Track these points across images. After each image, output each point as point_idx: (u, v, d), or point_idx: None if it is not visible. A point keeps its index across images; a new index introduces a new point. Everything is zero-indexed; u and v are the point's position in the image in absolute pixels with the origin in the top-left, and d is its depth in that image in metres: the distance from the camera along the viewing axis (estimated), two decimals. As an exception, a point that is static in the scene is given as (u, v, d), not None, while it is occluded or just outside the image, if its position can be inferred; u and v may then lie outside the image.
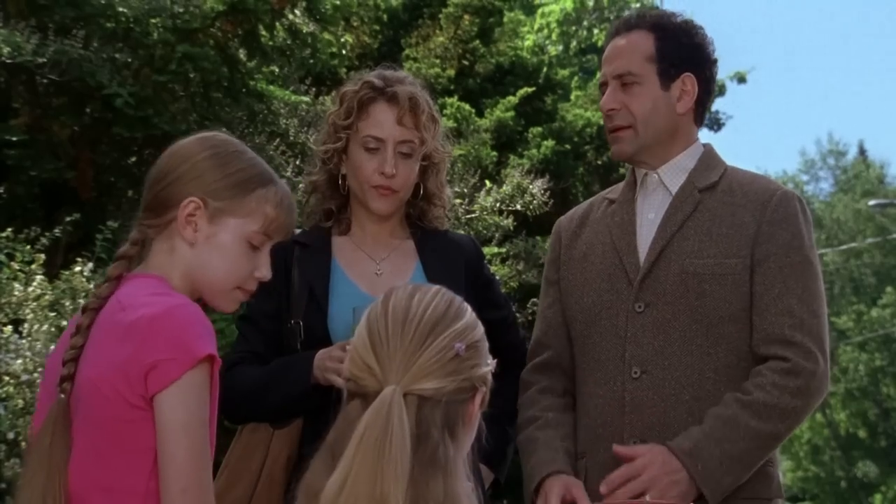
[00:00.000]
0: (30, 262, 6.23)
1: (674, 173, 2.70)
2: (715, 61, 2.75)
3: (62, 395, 2.00)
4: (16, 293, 6.08)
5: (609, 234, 2.69)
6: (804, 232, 2.61)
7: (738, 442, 2.49)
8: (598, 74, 2.84)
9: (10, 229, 6.43)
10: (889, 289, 31.74)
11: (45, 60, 6.89)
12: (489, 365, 1.72)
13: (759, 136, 72.09)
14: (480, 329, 1.74)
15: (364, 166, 2.66)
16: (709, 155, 2.73)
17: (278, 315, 2.63)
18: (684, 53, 2.69)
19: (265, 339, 2.66)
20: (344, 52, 9.88)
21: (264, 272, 2.13)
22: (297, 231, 2.77)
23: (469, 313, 1.74)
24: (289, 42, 8.06)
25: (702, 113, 2.76)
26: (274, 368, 2.59)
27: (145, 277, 2.08)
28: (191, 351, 1.96)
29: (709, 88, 2.74)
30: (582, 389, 2.70)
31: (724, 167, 2.72)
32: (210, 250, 2.08)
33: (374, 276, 2.69)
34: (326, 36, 8.75)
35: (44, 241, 6.35)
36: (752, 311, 2.57)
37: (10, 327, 5.98)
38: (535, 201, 9.69)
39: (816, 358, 2.54)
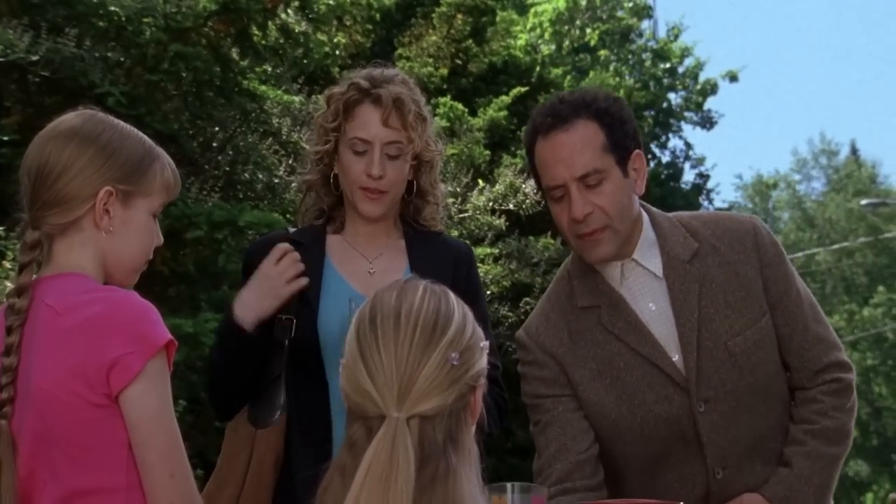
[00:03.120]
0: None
1: (647, 253, 2.55)
2: (638, 127, 2.62)
3: (2, 421, 1.98)
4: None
5: (622, 343, 2.52)
6: (783, 254, 2.61)
7: (823, 473, 2.52)
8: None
9: (1, 228, 6.42)
10: (881, 288, 31.82)
11: (37, 59, 6.88)
12: (484, 350, 1.71)
13: (751, 135, 72.18)
14: (470, 321, 1.71)
15: (352, 168, 2.67)
16: (654, 217, 2.60)
17: None
18: (629, 133, 2.52)
19: None
20: (337, 52, 9.87)
21: (160, 238, 2.16)
22: (292, 230, 2.78)
23: (457, 309, 1.71)
24: (281, 41, 8.06)
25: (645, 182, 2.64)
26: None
27: (63, 277, 2.05)
28: (150, 340, 1.96)
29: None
30: (648, 487, 2.54)
31: (676, 223, 2.59)
32: (127, 233, 2.09)
33: (367, 275, 2.69)
34: (319, 36, 8.74)
35: (35, 239, 6.33)
36: (783, 352, 2.55)
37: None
38: (527, 201, 9.69)
39: (849, 364, 2.61)
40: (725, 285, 2.54)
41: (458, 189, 9.51)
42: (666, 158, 20.48)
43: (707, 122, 20.24)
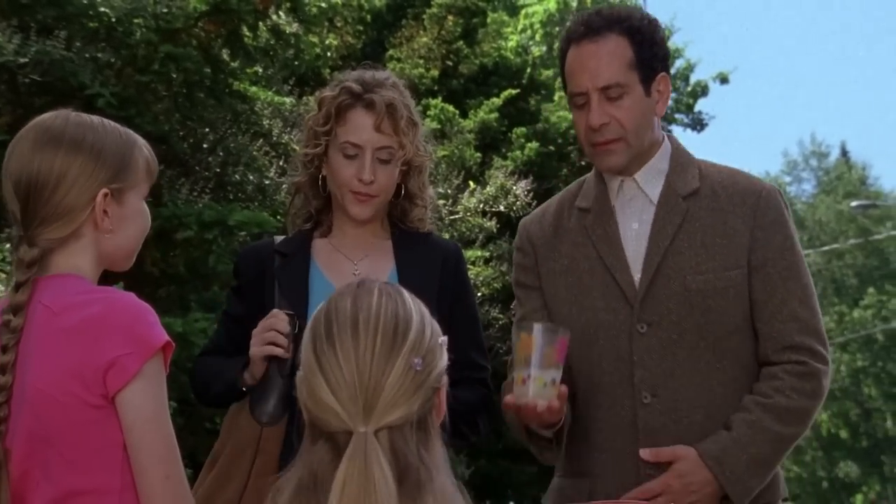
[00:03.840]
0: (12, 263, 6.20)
1: (650, 178, 2.63)
2: (670, 52, 2.71)
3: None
4: (-2, 294, 6.06)
5: (594, 248, 2.61)
6: (791, 229, 2.60)
7: (763, 445, 2.50)
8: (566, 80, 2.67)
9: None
10: (870, 290, 31.90)
11: (26, 60, 6.86)
12: (443, 346, 1.65)
13: (741, 136, 72.32)
14: (427, 321, 1.65)
15: (342, 171, 2.67)
16: (678, 152, 2.67)
17: (249, 319, 2.64)
18: (658, 54, 2.61)
19: (230, 339, 2.71)
20: (328, 53, 9.87)
21: (150, 218, 2.19)
22: (279, 239, 2.78)
23: (414, 309, 1.64)
24: (272, 42, 8.05)
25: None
26: (223, 364, 2.67)
27: (60, 278, 2.05)
28: (147, 342, 1.96)
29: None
30: (583, 412, 2.63)
31: (697, 165, 2.66)
32: (125, 228, 2.10)
33: (352, 277, 2.69)
34: (310, 38, 8.74)
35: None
36: (755, 319, 2.55)
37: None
38: (518, 202, 9.69)
39: (825, 357, 2.57)
40: (709, 228, 2.58)
41: (449, 191, 9.51)
42: (656, 160, 20.48)
43: (698, 124, 20.27)
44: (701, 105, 20.25)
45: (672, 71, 3.06)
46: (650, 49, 2.59)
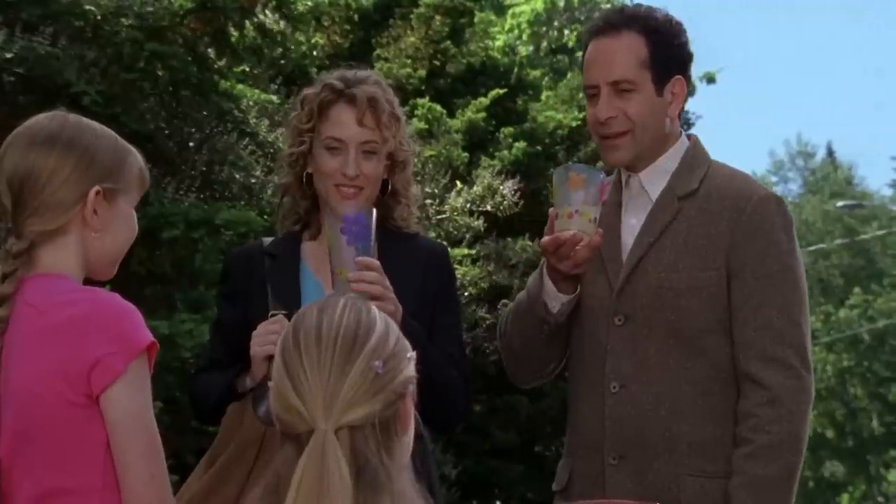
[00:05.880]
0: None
1: (654, 177, 2.66)
2: (692, 56, 2.72)
3: None
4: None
5: (600, 237, 2.63)
6: (781, 238, 2.58)
7: (769, 496, 2.51)
8: (576, 74, 2.73)
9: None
10: (856, 290, 32.00)
11: (11, 56, 6.82)
12: (411, 360, 1.69)
13: (728, 136, 72.49)
14: (393, 331, 1.69)
15: (326, 165, 2.69)
16: (692, 153, 2.69)
17: (244, 323, 2.63)
18: (675, 56, 2.64)
19: (228, 348, 2.68)
20: (314, 52, 9.84)
21: (136, 228, 2.19)
22: (267, 241, 2.78)
23: (379, 320, 1.69)
24: (259, 41, 8.03)
25: (682, 109, 2.75)
26: (220, 376, 2.67)
27: (46, 277, 2.05)
28: (132, 342, 1.97)
29: (690, 84, 2.74)
30: (570, 396, 2.71)
31: (706, 166, 2.67)
32: (113, 230, 2.11)
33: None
34: (297, 36, 8.71)
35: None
36: (732, 322, 2.56)
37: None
38: (505, 202, 9.69)
39: (798, 372, 2.54)
40: (695, 227, 2.60)
41: (436, 191, 9.50)
42: (644, 160, 20.54)
43: (684, 124, 20.29)
44: (688, 104, 20.29)
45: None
46: (667, 50, 2.62)
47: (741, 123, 74.86)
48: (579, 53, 20.37)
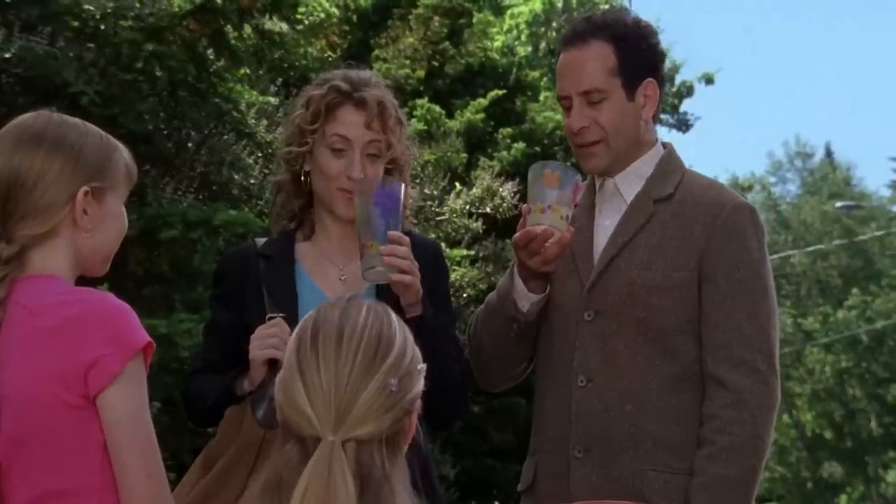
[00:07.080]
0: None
1: (630, 181, 2.69)
2: (665, 55, 2.76)
3: None
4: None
5: (572, 235, 2.67)
6: (753, 246, 2.61)
7: (727, 496, 2.52)
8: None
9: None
10: (855, 290, 31.98)
11: (9, 56, 6.82)
12: (421, 373, 1.68)
13: (726, 137, 72.54)
14: (410, 345, 1.69)
15: (330, 167, 2.67)
16: (667, 160, 2.72)
17: (239, 325, 2.63)
18: (644, 59, 2.66)
19: (223, 349, 2.67)
20: (314, 52, 9.84)
21: (126, 223, 2.18)
22: (261, 241, 2.76)
23: (399, 333, 1.68)
24: (258, 43, 8.03)
25: (658, 110, 2.76)
26: (216, 379, 2.65)
27: (38, 279, 2.04)
28: (128, 342, 1.97)
29: (664, 84, 2.76)
30: (537, 390, 2.75)
31: (681, 173, 2.71)
32: (105, 228, 2.10)
33: (339, 282, 2.70)
34: (299, 44, 8.71)
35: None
36: (701, 325, 2.59)
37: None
38: (504, 204, 9.69)
39: (764, 377, 2.56)
40: (669, 230, 2.63)
41: (435, 192, 9.50)
42: (642, 161, 20.50)
43: (683, 125, 20.28)
44: (686, 105, 20.27)
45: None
46: (635, 55, 2.64)
47: (740, 124, 74.94)
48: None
